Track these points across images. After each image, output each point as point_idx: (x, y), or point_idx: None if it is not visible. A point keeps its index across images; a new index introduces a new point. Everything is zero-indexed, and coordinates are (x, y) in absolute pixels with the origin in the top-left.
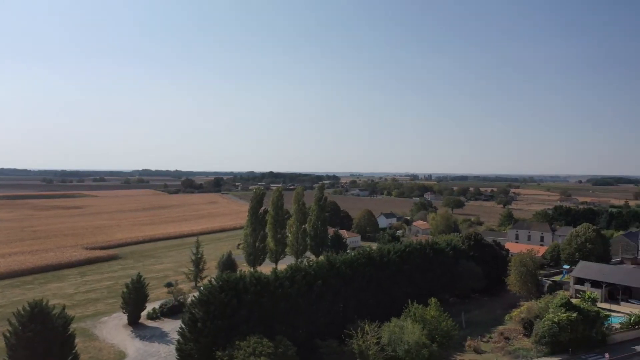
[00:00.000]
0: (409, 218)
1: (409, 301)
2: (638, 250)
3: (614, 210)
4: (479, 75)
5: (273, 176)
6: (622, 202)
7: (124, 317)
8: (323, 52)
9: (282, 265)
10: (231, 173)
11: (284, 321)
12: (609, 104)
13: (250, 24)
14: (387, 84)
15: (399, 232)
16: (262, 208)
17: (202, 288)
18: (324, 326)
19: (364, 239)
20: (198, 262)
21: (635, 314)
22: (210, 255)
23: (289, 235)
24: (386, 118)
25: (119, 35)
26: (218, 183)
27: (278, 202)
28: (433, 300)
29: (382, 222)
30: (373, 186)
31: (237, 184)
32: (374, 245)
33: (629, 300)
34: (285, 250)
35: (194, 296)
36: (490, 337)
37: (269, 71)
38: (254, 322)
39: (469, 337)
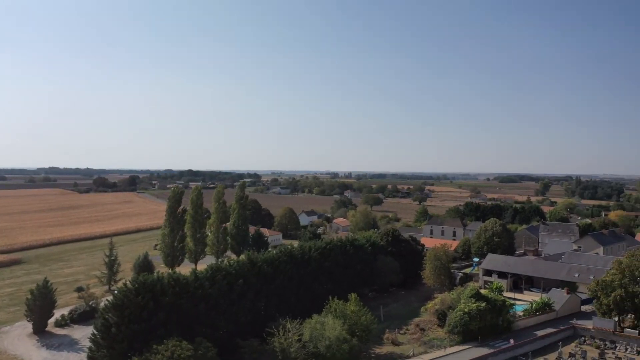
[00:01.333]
0: (329, 215)
1: (330, 297)
2: (539, 243)
3: (518, 205)
4: (398, 76)
5: (192, 174)
6: (525, 199)
7: (28, 326)
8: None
9: (202, 266)
10: (147, 171)
11: (204, 322)
12: (512, 107)
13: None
14: (304, 81)
15: (320, 230)
16: (181, 207)
17: (116, 292)
18: (245, 326)
19: (285, 237)
20: (112, 265)
21: (536, 302)
22: (125, 257)
23: (209, 234)
24: (306, 116)
25: None
26: (133, 182)
27: (197, 201)
28: (353, 295)
29: (304, 219)
30: (294, 184)
31: (154, 182)
32: (296, 243)
33: (531, 289)
34: (205, 250)
35: (107, 300)
36: (407, 329)
37: (189, 65)
38: (172, 324)
39: (387, 330)
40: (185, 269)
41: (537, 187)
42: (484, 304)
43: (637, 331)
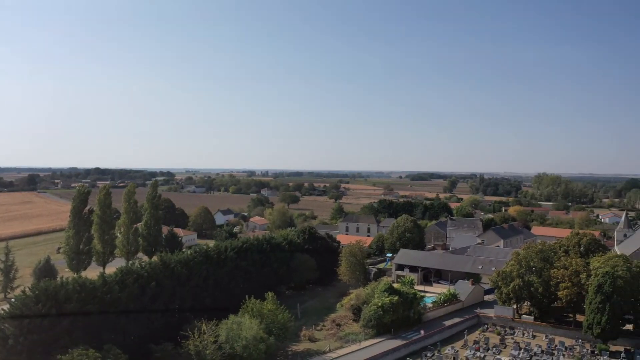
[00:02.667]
0: (246, 214)
1: (247, 297)
2: (446, 237)
3: (428, 202)
4: (301, 76)
5: (100, 173)
6: (434, 195)
7: None
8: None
9: (111, 269)
10: (49, 169)
11: (113, 328)
12: (422, 108)
13: None
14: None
15: (236, 229)
16: (87, 207)
17: (13, 300)
18: (158, 329)
19: (200, 236)
20: (8, 271)
21: (444, 293)
22: (23, 262)
23: (119, 236)
24: (219, 113)
25: None
26: (33, 180)
27: (105, 201)
28: (270, 294)
29: (220, 219)
30: (210, 183)
31: (56, 181)
32: (211, 243)
33: (440, 281)
34: (115, 252)
35: (3, 310)
36: (323, 325)
37: (93, 59)
38: (78, 332)
39: (304, 327)
40: (92, 272)
41: (445, 184)
42: (396, 298)
43: (532, 317)
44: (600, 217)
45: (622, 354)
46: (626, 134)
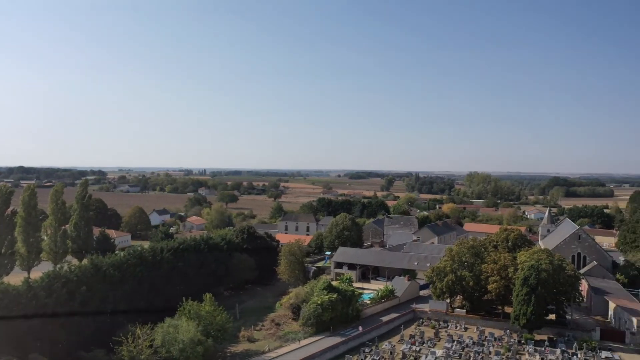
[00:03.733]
0: (183, 214)
1: (184, 299)
2: (384, 235)
3: (366, 200)
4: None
5: (24, 172)
6: (372, 194)
7: None
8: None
9: (37, 273)
10: None
11: (40, 336)
12: (358, 108)
13: None
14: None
15: (172, 229)
16: (10, 209)
17: None
18: (89, 336)
19: (135, 238)
20: None
21: (382, 290)
22: None
23: (45, 238)
24: (154, 109)
25: None
26: None
27: (30, 202)
28: (208, 295)
29: (155, 219)
30: (144, 182)
31: None
32: (146, 244)
33: (377, 278)
34: (41, 255)
35: None
36: (262, 325)
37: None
38: (0, 342)
39: (243, 328)
40: (16, 278)
41: (383, 183)
42: (335, 295)
43: (464, 310)
44: (526, 213)
45: (546, 343)
46: (550, 136)
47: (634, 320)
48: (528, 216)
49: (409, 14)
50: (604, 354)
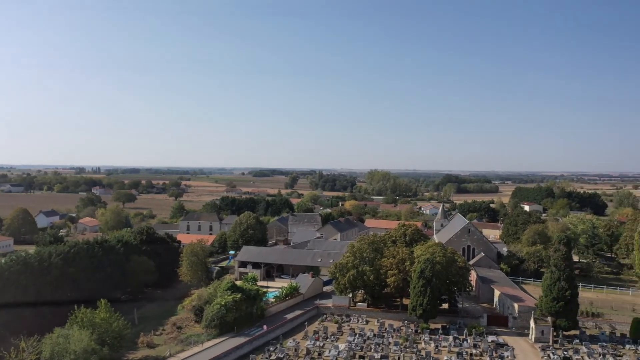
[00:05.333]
0: (74, 215)
1: (76, 306)
2: (288, 232)
3: (270, 198)
4: (130, 65)
5: None
6: (276, 192)
7: None
8: None
9: None
10: None
11: None
12: (264, 105)
13: None
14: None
15: (62, 232)
16: None
17: None
18: None
19: (18, 242)
20: None
21: (286, 287)
22: None
23: None
24: (41, 96)
25: None
26: None
27: None
28: (103, 301)
29: (42, 221)
30: (29, 180)
31: None
32: (32, 249)
33: (282, 276)
34: None
35: None
36: (163, 330)
37: None
38: None
39: (142, 333)
40: None
41: (287, 180)
42: (239, 295)
43: (365, 304)
44: (422, 209)
45: (440, 331)
46: (442, 135)
47: (516, 306)
48: (424, 212)
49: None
50: (490, 337)
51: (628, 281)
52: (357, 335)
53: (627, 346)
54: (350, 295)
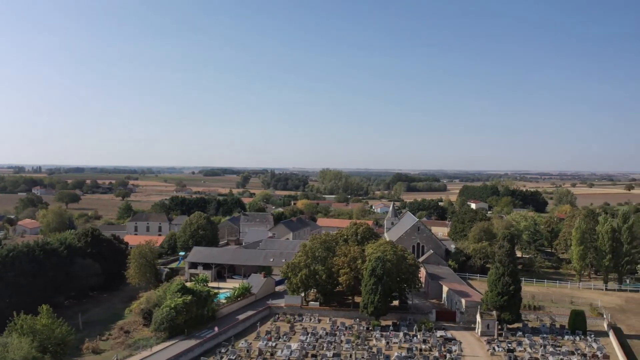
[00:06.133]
0: (13, 217)
1: (15, 313)
2: (240, 232)
3: (221, 198)
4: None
5: None
6: (227, 191)
7: None
8: None
9: None
10: None
11: None
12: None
13: None
14: None
15: (0, 234)
16: None
17: None
18: None
19: None
20: None
21: (238, 288)
22: None
23: None
24: None
25: None
26: None
27: None
28: (45, 307)
29: None
30: None
31: None
32: None
33: (233, 276)
34: None
35: None
36: (109, 334)
37: None
38: None
39: (87, 339)
40: None
41: (238, 179)
42: (190, 297)
43: (318, 303)
44: (373, 207)
45: (391, 327)
46: (392, 135)
47: (463, 301)
48: (375, 210)
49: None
50: (439, 332)
51: (567, 275)
52: (309, 335)
53: (566, 337)
54: (303, 294)
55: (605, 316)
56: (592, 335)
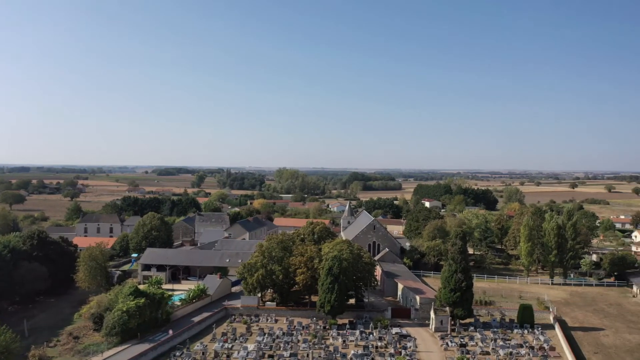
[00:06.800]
0: None
1: None
2: (195, 233)
3: (176, 198)
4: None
5: None
6: (182, 191)
7: None
8: None
9: None
10: None
11: None
12: (167, 101)
13: None
14: None
15: None
16: None
17: None
18: None
19: None
20: None
21: (193, 289)
22: None
23: None
24: None
25: None
26: None
27: None
28: None
29: None
30: None
31: None
32: None
33: (189, 277)
34: None
35: None
36: (57, 341)
37: None
38: None
39: (33, 346)
40: None
41: (193, 179)
42: (143, 300)
43: (274, 303)
44: (330, 206)
45: (347, 326)
46: (349, 135)
47: (418, 298)
48: (332, 209)
49: None
50: (394, 330)
51: (516, 270)
52: (266, 335)
53: (515, 330)
54: (259, 294)
55: (551, 309)
56: (540, 328)
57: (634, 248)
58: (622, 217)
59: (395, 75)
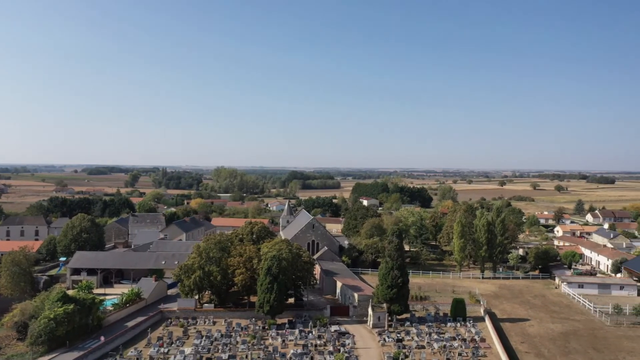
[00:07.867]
0: None
1: None
2: (129, 234)
3: (108, 198)
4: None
5: None
6: (115, 190)
7: None
8: None
9: None
10: None
11: None
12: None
13: None
14: None
15: None
16: None
17: None
18: None
19: None
20: None
21: (126, 293)
22: None
23: None
24: None
25: None
26: None
27: None
28: None
29: None
30: None
31: None
32: None
33: (122, 281)
34: None
35: None
36: None
37: None
38: None
39: None
40: None
41: (127, 178)
42: (72, 306)
43: (212, 305)
44: (269, 205)
45: (287, 325)
46: (288, 133)
47: (356, 295)
48: (271, 208)
49: None
50: (333, 327)
51: (449, 266)
52: (203, 338)
53: (449, 324)
54: (197, 296)
55: (482, 303)
56: (471, 321)
57: (556, 242)
58: (546, 212)
59: (336, 76)
